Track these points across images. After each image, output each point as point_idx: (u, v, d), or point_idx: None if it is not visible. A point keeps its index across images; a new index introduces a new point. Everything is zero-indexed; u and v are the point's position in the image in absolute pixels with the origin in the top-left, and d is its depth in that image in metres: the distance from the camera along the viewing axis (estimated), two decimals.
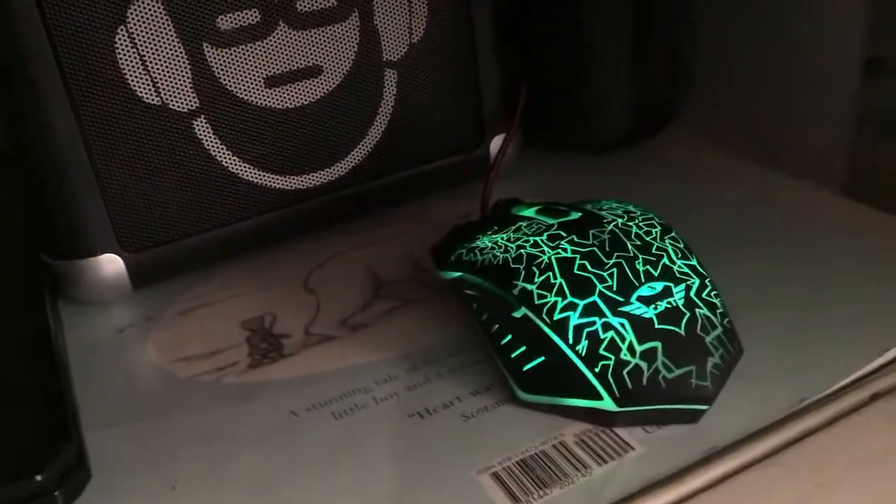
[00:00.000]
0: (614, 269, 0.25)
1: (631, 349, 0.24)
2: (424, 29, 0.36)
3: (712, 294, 0.26)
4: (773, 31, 0.41)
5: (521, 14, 0.39)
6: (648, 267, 0.25)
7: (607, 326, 0.24)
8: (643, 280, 0.25)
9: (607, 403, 0.24)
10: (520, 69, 0.39)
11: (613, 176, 0.40)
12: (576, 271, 0.25)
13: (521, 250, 0.27)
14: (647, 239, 0.27)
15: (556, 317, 0.25)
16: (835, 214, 0.35)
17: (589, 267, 0.25)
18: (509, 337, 0.26)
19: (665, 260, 0.26)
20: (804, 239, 0.33)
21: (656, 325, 0.24)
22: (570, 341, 0.24)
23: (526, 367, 0.26)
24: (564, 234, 0.27)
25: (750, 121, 0.44)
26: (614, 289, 0.25)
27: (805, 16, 0.40)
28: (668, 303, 0.25)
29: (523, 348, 0.26)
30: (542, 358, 0.25)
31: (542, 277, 0.26)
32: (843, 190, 0.37)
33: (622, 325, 0.24)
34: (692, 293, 0.25)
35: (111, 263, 0.33)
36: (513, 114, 0.39)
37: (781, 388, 0.25)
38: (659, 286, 0.25)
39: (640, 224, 0.27)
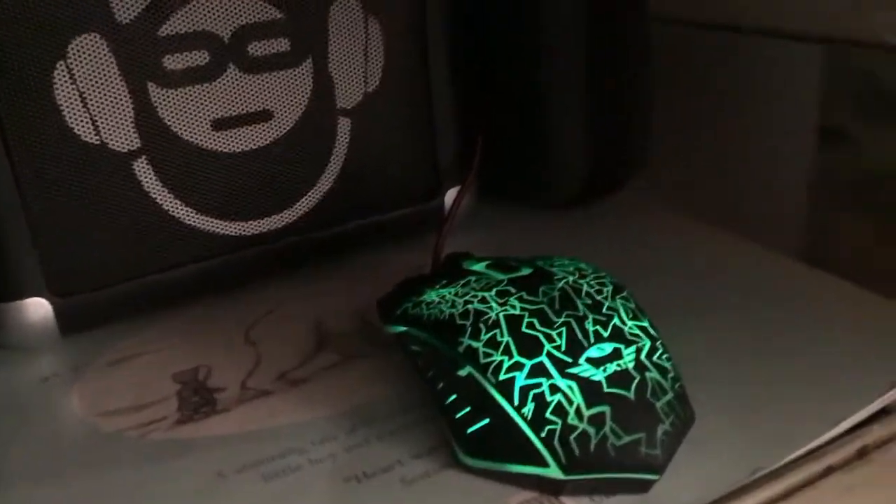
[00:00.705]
0: (563, 328, 0.24)
1: (579, 413, 0.23)
2: (380, 78, 0.36)
3: (663, 357, 0.25)
4: (732, 96, 0.41)
5: (477, 67, 0.39)
6: (598, 327, 0.25)
7: (555, 389, 0.23)
8: (593, 340, 0.24)
9: (554, 471, 0.23)
10: (476, 122, 0.39)
11: (570, 234, 0.39)
12: (524, 329, 0.24)
13: (469, 305, 0.26)
14: (598, 298, 0.26)
15: (502, 377, 0.24)
16: (793, 281, 0.34)
17: (537, 325, 0.24)
18: (454, 396, 0.25)
19: (616, 320, 0.25)
20: (761, 306, 0.32)
21: (605, 389, 0.23)
22: (516, 403, 0.23)
23: (470, 430, 0.24)
24: (514, 291, 0.26)
25: (708, 185, 0.43)
26: (563, 349, 0.24)
27: (763, 83, 0.40)
28: (618, 365, 0.24)
29: (468, 409, 0.25)
30: (487, 420, 0.24)
31: (489, 335, 0.24)
32: (800, 256, 0.37)
33: (570, 387, 0.23)
34: (643, 356, 0.24)
35: (38, 308, 0.31)
36: (469, 166, 0.38)
37: (734, 458, 0.24)
38: (609, 347, 0.24)
39: (592, 282, 0.26)
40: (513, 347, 0.24)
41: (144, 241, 0.33)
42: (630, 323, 0.25)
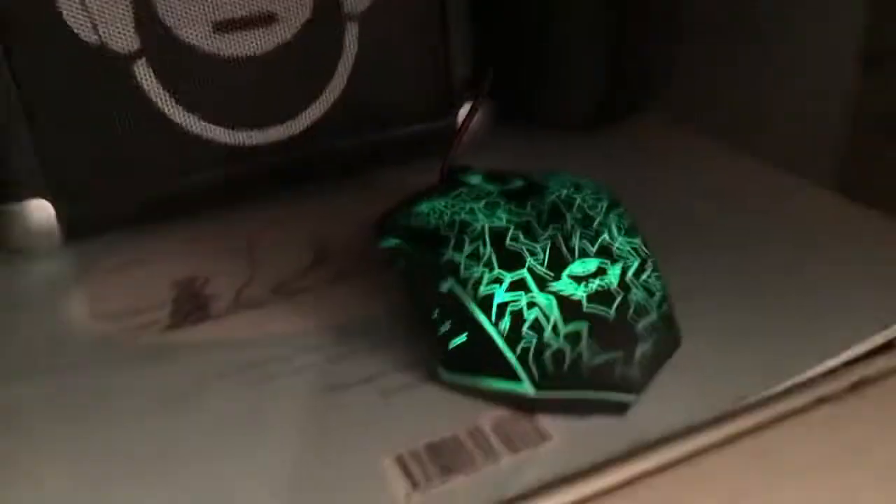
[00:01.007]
0: (548, 242, 0.23)
1: (555, 330, 0.22)
2: None
3: (652, 277, 0.24)
4: (765, 22, 0.39)
5: None
6: (586, 242, 0.23)
7: (532, 304, 0.22)
8: (577, 256, 0.23)
9: (525, 387, 0.22)
10: (492, 39, 0.37)
11: (585, 155, 0.38)
12: (508, 242, 0.23)
13: (455, 217, 0.25)
14: (590, 213, 0.25)
15: (482, 291, 0.23)
16: (813, 207, 0.33)
17: (522, 238, 0.23)
18: (436, 312, 0.25)
19: (605, 236, 0.24)
20: (773, 231, 0.31)
21: (585, 306, 0.22)
22: (493, 318, 0.23)
23: (451, 345, 0.24)
24: (502, 203, 0.25)
25: (736, 109, 0.41)
26: (545, 263, 0.23)
27: (799, 5, 0.38)
28: (601, 282, 0.23)
29: (448, 324, 0.24)
30: (466, 335, 0.23)
31: (472, 247, 0.24)
32: (833, 186, 0.35)
33: (548, 303, 0.22)
34: (629, 274, 0.23)
35: (41, 210, 0.32)
36: (482, 82, 0.36)
37: (720, 385, 0.23)
38: (593, 264, 0.23)
39: (587, 197, 0.25)
40: (494, 260, 0.23)
41: (146, 146, 0.32)
42: (620, 239, 0.24)
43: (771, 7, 0.38)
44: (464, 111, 0.37)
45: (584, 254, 0.23)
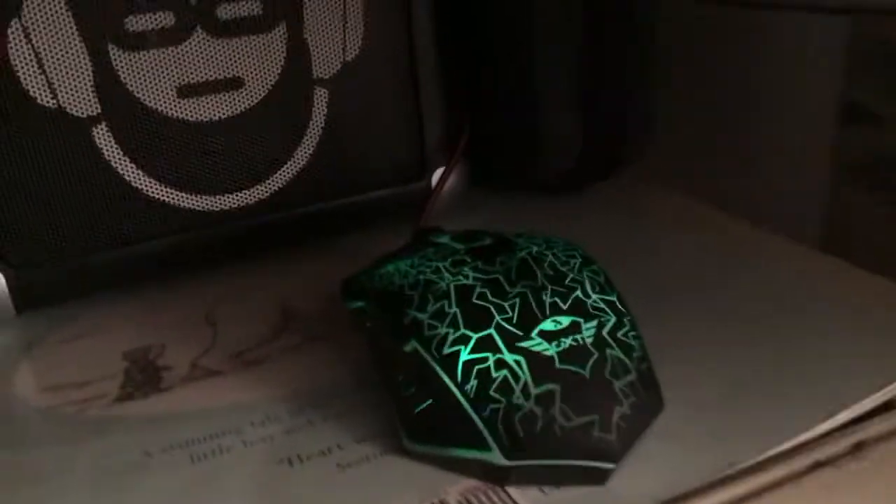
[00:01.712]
0: (517, 300, 0.22)
1: (525, 391, 0.20)
2: (360, 47, 0.34)
3: (630, 335, 0.22)
4: (742, 75, 0.38)
5: (467, 43, 0.37)
6: (557, 299, 0.22)
7: (501, 364, 0.21)
8: (548, 313, 0.22)
9: (496, 455, 0.20)
10: (465, 100, 0.36)
11: (563, 217, 0.37)
12: (474, 300, 0.22)
13: (420, 276, 0.23)
14: (562, 269, 0.23)
15: (446, 351, 0.21)
16: (799, 266, 0.31)
17: (489, 295, 0.22)
18: (400, 375, 0.23)
19: (578, 293, 0.22)
20: (758, 290, 0.29)
21: (557, 365, 0.20)
22: (459, 380, 0.21)
23: (416, 411, 0.22)
24: (469, 260, 0.24)
25: (715, 168, 0.40)
26: (514, 321, 0.21)
27: (776, 58, 0.37)
28: (575, 340, 0.21)
29: (413, 388, 0.22)
30: (431, 400, 0.21)
31: (437, 306, 0.22)
32: (815, 239, 0.34)
33: (517, 362, 0.20)
34: (605, 331, 0.21)
35: None
36: (456, 144, 0.36)
37: (708, 450, 0.21)
38: (566, 321, 0.21)
39: (559, 254, 0.24)
40: (460, 319, 0.22)
41: (106, 213, 0.31)
42: (595, 296, 0.22)
43: (748, 59, 0.37)
44: (437, 174, 0.36)
45: (556, 310, 0.22)
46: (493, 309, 0.22)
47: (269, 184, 0.34)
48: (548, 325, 0.21)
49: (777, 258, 0.32)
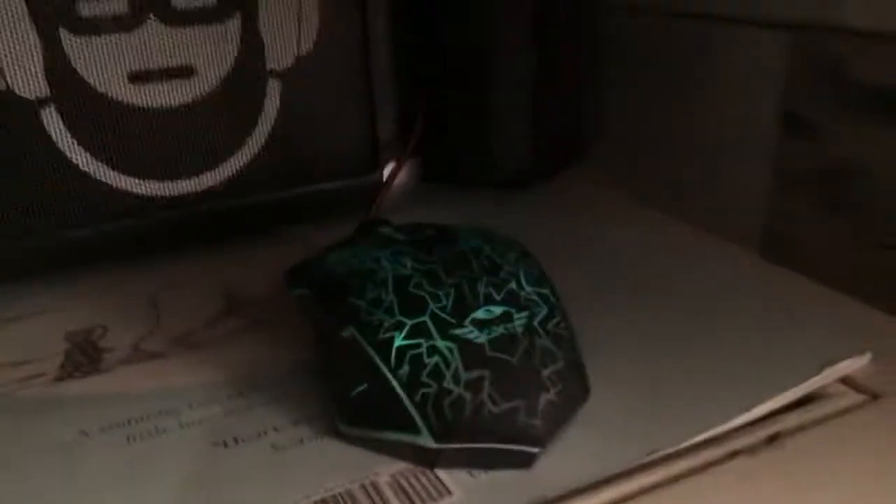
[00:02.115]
0: (452, 289, 0.22)
1: (456, 377, 0.21)
2: (314, 41, 0.34)
3: (560, 325, 0.23)
4: (687, 84, 0.40)
5: (421, 40, 0.37)
6: (491, 289, 0.23)
7: (433, 350, 0.21)
8: (482, 302, 0.22)
9: (425, 438, 0.21)
10: (418, 96, 0.37)
11: (509, 213, 0.37)
12: (410, 289, 0.22)
13: (361, 265, 0.24)
14: (498, 261, 0.24)
15: (381, 336, 0.22)
16: (733, 267, 0.32)
17: (425, 285, 0.23)
18: (338, 360, 0.23)
19: (512, 284, 0.23)
20: (692, 288, 0.30)
21: (487, 353, 0.21)
22: (392, 365, 0.21)
23: (351, 395, 0.22)
24: (409, 251, 0.24)
25: (658, 172, 0.41)
26: (448, 310, 0.22)
27: (721, 67, 0.38)
28: (505, 328, 0.22)
29: (349, 372, 0.23)
30: (365, 384, 0.22)
31: (375, 293, 0.23)
32: (755, 248, 0.35)
33: (449, 349, 0.21)
34: (536, 321, 0.22)
35: None
36: (408, 138, 0.36)
37: (631, 437, 0.22)
38: (498, 310, 0.22)
39: (497, 247, 0.25)
40: (395, 307, 0.22)
41: (52, 195, 0.31)
42: (529, 288, 0.23)
43: (693, 69, 0.38)
44: (389, 168, 0.37)
45: (489, 300, 0.22)
46: (428, 297, 0.22)
47: (220, 172, 0.34)
48: (480, 313, 0.22)
49: (714, 259, 0.33)
